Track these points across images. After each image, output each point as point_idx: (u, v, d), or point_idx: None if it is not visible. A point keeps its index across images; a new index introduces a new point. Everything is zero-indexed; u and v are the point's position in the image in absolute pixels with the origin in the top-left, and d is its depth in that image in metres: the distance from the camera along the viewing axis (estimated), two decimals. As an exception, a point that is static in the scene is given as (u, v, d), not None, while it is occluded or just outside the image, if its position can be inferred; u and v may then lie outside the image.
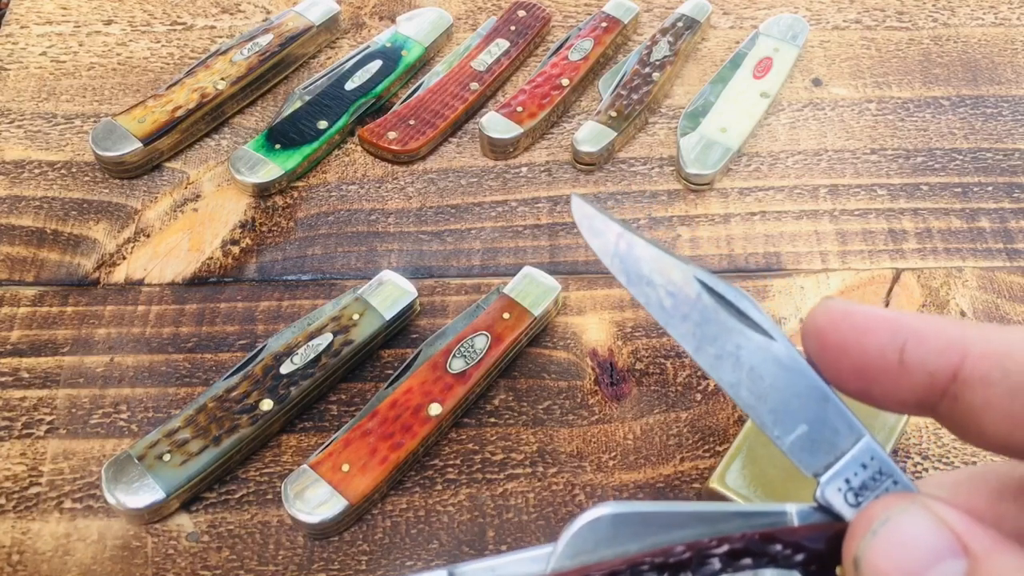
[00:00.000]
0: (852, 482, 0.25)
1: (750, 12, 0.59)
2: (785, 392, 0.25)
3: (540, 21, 0.57)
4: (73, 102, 0.54)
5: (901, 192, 0.51)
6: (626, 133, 0.53)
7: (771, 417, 0.25)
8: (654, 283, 0.26)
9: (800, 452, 0.25)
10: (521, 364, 0.45)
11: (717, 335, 0.25)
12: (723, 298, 0.25)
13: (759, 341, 0.25)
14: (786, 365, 0.25)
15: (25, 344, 0.45)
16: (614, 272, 0.26)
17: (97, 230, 0.49)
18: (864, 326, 0.24)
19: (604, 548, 0.24)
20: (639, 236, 0.26)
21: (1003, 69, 0.56)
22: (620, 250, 0.26)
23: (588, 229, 0.26)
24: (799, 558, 0.23)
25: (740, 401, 0.25)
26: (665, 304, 0.26)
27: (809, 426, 0.25)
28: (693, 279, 0.25)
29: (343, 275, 0.48)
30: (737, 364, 0.25)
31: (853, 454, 0.25)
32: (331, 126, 0.52)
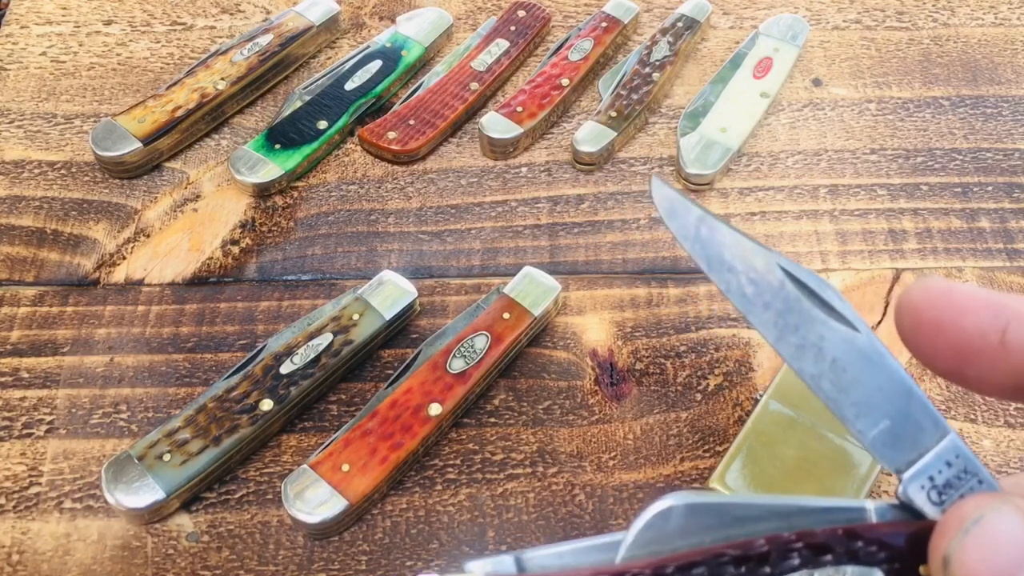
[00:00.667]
0: (936, 480, 0.24)
1: (750, 12, 0.59)
2: (868, 386, 0.24)
3: (540, 21, 0.57)
4: (73, 102, 0.54)
5: (901, 192, 0.51)
6: (626, 133, 0.53)
7: (853, 411, 0.25)
8: (736, 269, 0.25)
9: (883, 447, 0.25)
10: (521, 364, 0.45)
11: (799, 325, 0.25)
12: (806, 287, 0.25)
13: (843, 332, 0.24)
14: (870, 358, 0.24)
15: (25, 344, 0.45)
16: (694, 256, 0.25)
17: (97, 230, 0.49)
18: (964, 305, 0.23)
19: (677, 539, 0.24)
20: (721, 221, 0.25)
21: (1003, 69, 0.56)
22: (702, 234, 0.25)
23: (668, 211, 0.25)
24: (881, 555, 0.23)
25: (821, 393, 0.25)
26: (747, 291, 0.25)
27: (892, 421, 0.24)
28: (776, 266, 0.25)
29: (343, 275, 0.48)
30: (820, 355, 0.25)
31: (937, 451, 0.24)
32: (331, 126, 0.52)
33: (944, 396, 0.44)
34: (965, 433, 0.43)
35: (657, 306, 0.47)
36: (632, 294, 0.47)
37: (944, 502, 0.24)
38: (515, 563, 0.24)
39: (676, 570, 0.23)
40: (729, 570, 0.23)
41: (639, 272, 0.48)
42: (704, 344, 0.46)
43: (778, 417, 0.41)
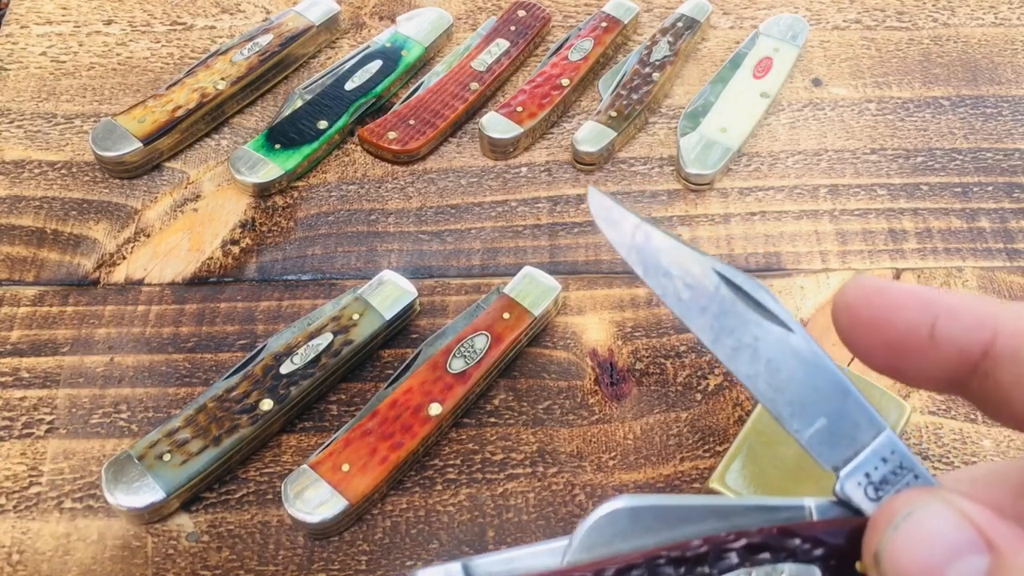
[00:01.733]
0: (872, 476, 0.24)
1: (750, 12, 0.59)
2: (804, 385, 0.25)
3: (540, 21, 0.57)
4: (73, 102, 0.54)
5: (901, 192, 0.51)
6: (626, 133, 0.53)
7: (789, 410, 0.25)
8: (672, 275, 0.25)
9: (819, 445, 0.25)
10: (521, 364, 0.45)
11: (735, 327, 0.25)
12: (741, 290, 0.25)
13: (777, 333, 0.25)
14: (805, 358, 0.25)
15: (25, 344, 0.45)
16: (631, 264, 0.26)
17: (97, 230, 0.49)
18: (896, 302, 0.24)
19: (620, 542, 0.24)
20: (657, 228, 0.25)
21: (1003, 69, 0.56)
22: (637, 241, 0.26)
23: (605, 220, 0.26)
24: (818, 552, 0.23)
25: (758, 393, 0.25)
26: (683, 296, 0.25)
27: (828, 419, 0.25)
28: (712, 271, 0.25)
29: (343, 275, 0.48)
30: (755, 356, 0.25)
31: (873, 448, 0.24)
32: (331, 126, 0.52)
33: (945, 396, 0.44)
34: (965, 433, 0.43)
35: (657, 306, 0.47)
36: (632, 294, 0.47)
37: (880, 498, 0.24)
38: (463, 570, 0.24)
39: (615, 573, 0.23)
40: (667, 571, 0.23)
41: (639, 272, 0.48)
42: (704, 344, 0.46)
43: (778, 417, 0.41)
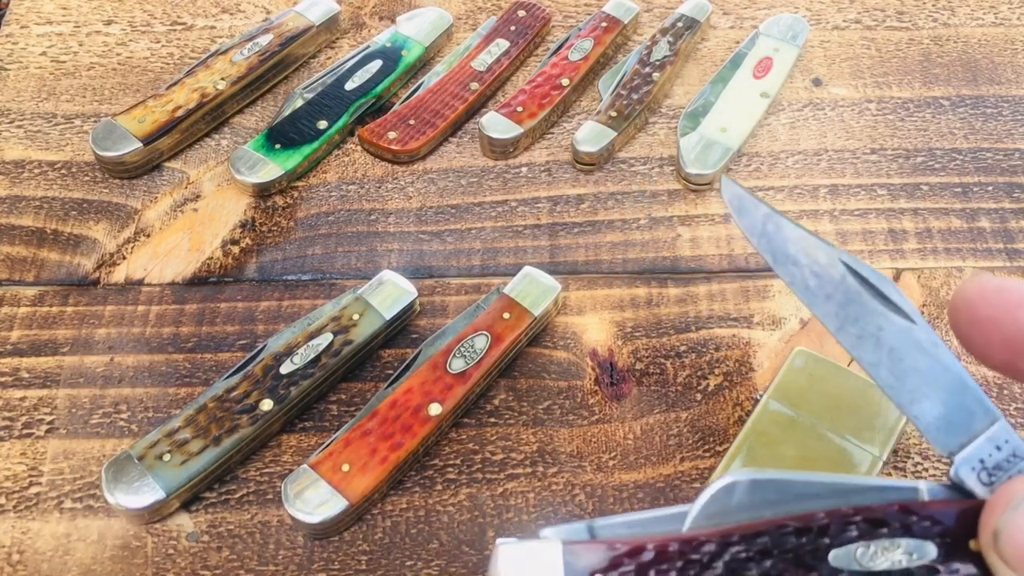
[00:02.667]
0: (986, 462, 0.25)
1: (750, 12, 0.59)
2: (924, 374, 0.26)
3: (540, 21, 0.57)
4: (73, 102, 0.54)
5: (901, 192, 0.51)
6: (626, 133, 0.53)
7: (909, 397, 0.26)
8: (800, 263, 0.26)
9: (936, 431, 0.26)
10: (521, 364, 0.45)
11: (859, 316, 0.26)
12: (867, 282, 0.26)
13: (900, 324, 0.26)
14: (926, 348, 0.26)
15: (25, 344, 0.45)
16: (760, 251, 0.27)
17: (97, 230, 0.49)
18: (1018, 300, 0.24)
19: (738, 512, 0.25)
20: (786, 218, 0.27)
21: (1003, 69, 0.56)
22: (768, 230, 0.27)
23: (737, 209, 0.27)
24: (934, 530, 0.24)
25: (879, 380, 0.26)
26: (810, 283, 0.26)
27: (946, 407, 0.26)
28: (838, 261, 0.26)
29: (343, 275, 0.48)
30: (878, 345, 0.26)
31: (988, 435, 0.25)
32: (331, 126, 0.52)
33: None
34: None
35: (657, 306, 0.47)
36: (632, 294, 0.47)
37: (993, 483, 0.25)
38: (587, 529, 0.25)
39: (741, 539, 0.24)
40: (791, 540, 0.24)
41: (639, 272, 0.48)
42: (704, 344, 0.46)
43: (778, 417, 0.41)
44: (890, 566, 0.24)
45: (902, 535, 0.24)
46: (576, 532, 0.26)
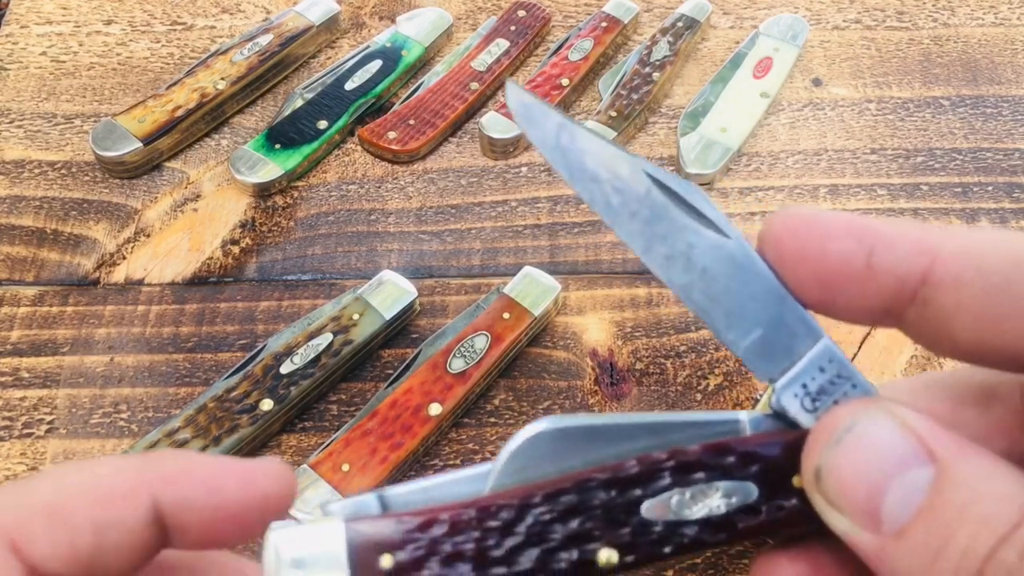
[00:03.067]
0: (809, 387, 0.23)
1: (750, 12, 0.59)
2: (740, 294, 0.23)
3: (540, 21, 0.57)
4: (73, 102, 0.54)
5: (901, 192, 0.51)
6: (626, 133, 0.53)
7: (725, 321, 0.24)
8: (600, 178, 0.23)
9: (755, 358, 0.24)
10: (521, 364, 0.45)
11: (667, 233, 0.23)
12: (675, 193, 0.24)
13: (712, 239, 0.23)
14: (741, 265, 0.23)
15: (25, 344, 0.45)
16: (555, 166, 0.24)
17: (97, 230, 0.49)
18: (827, 232, 0.22)
19: (547, 464, 0.23)
20: (582, 127, 0.24)
21: (1003, 69, 0.56)
22: (562, 143, 0.24)
23: (525, 118, 0.24)
24: (753, 469, 0.22)
25: (692, 304, 0.24)
26: (612, 201, 0.24)
27: (765, 329, 0.23)
28: (642, 172, 0.24)
29: (343, 275, 0.48)
30: (689, 264, 0.24)
31: (810, 357, 0.23)
32: (331, 126, 0.52)
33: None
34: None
35: (657, 306, 0.47)
36: (632, 294, 0.47)
37: (817, 409, 0.23)
38: (378, 501, 0.23)
39: (544, 499, 0.22)
40: (599, 494, 0.22)
41: (639, 272, 0.48)
42: (704, 344, 0.46)
43: (778, 417, 0.41)
44: (708, 512, 0.22)
45: (719, 477, 0.22)
46: (364, 506, 0.23)
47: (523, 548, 0.22)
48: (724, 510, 0.22)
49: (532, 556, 0.22)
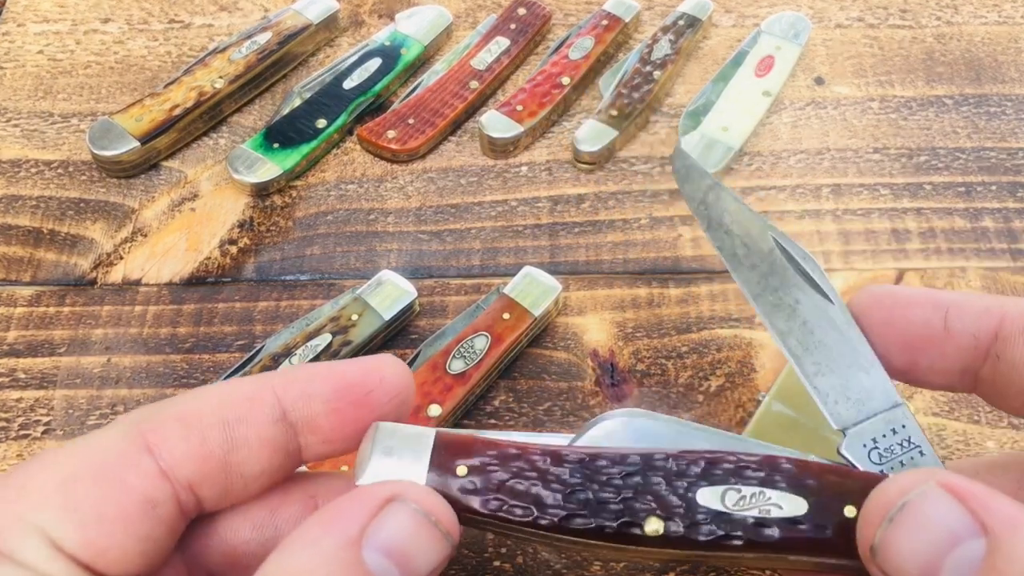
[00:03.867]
0: (879, 443, 0.25)
1: (752, 10, 0.59)
2: (831, 349, 0.27)
3: (540, 19, 0.57)
4: (70, 101, 0.54)
5: (904, 191, 0.51)
6: (627, 132, 0.52)
7: (814, 368, 0.27)
8: (732, 232, 0.28)
9: (833, 403, 0.26)
10: (521, 365, 0.45)
11: (779, 286, 0.28)
12: (793, 259, 0.28)
13: (818, 300, 0.27)
14: (838, 327, 0.27)
15: (22, 344, 0.45)
16: (697, 217, 0.29)
17: (94, 230, 0.49)
18: (907, 301, 0.25)
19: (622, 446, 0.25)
20: (729, 191, 0.28)
21: (1007, 68, 0.56)
22: (709, 199, 0.29)
23: (683, 175, 0.29)
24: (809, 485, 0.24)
25: (787, 348, 0.27)
26: (738, 252, 0.28)
27: (847, 383, 0.26)
28: (769, 235, 0.28)
29: (342, 275, 0.48)
30: (792, 315, 0.27)
31: (885, 416, 0.26)
32: (330, 125, 0.52)
33: (948, 397, 0.44)
34: (968, 434, 0.43)
35: (658, 306, 0.47)
36: (633, 294, 0.47)
37: (883, 464, 0.25)
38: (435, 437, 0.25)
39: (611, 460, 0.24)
40: (662, 463, 0.24)
41: (640, 272, 0.48)
42: (706, 345, 0.45)
43: (780, 419, 0.41)
44: (757, 514, 0.24)
45: (775, 486, 0.24)
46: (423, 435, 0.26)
47: (580, 496, 0.24)
48: (773, 515, 0.24)
49: (587, 506, 0.24)
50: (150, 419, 0.22)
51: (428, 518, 0.22)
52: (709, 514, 0.23)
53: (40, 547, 0.20)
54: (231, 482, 0.23)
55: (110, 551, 0.21)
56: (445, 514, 0.23)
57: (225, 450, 0.23)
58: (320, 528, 0.22)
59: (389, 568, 0.21)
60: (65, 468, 0.21)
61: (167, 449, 0.22)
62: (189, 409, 0.23)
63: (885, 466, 0.25)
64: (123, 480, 0.21)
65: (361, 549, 0.21)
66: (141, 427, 0.22)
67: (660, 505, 0.24)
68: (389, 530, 0.22)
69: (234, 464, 0.23)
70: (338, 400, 0.24)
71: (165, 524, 0.22)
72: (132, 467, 0.22)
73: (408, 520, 0.22)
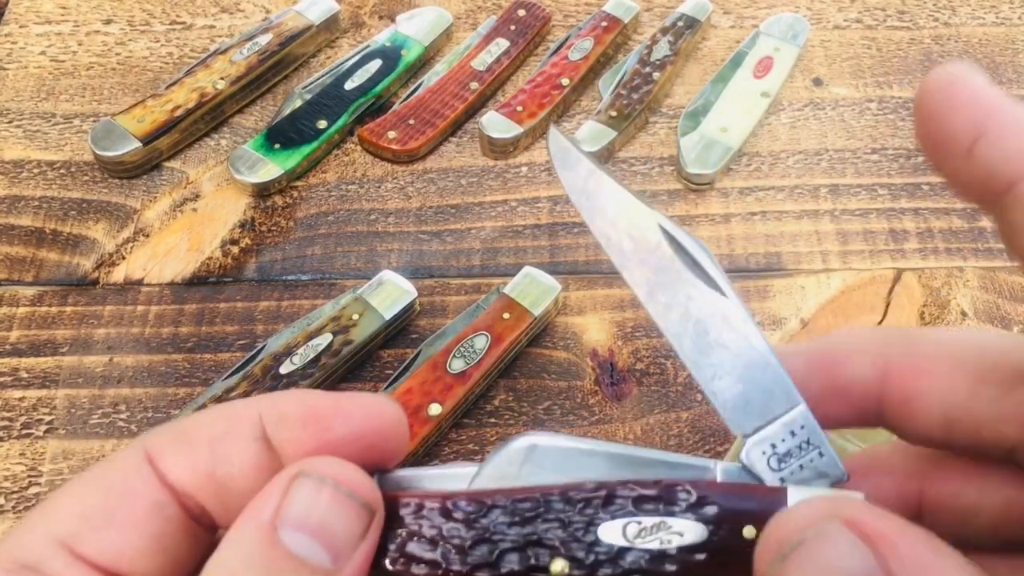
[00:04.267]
0: (778, 447, 0.25)
1: (751, 11, 0.59)
2: (727, 350, 0.25)
3: (540, 20, 0.57)
4: (72, 102, 0.54)
5: (902, 192, 0.51)
6: (626, 133, 0.52)
7: (711, 372, 0.25)
8: (617, 224, 0.26)
9: (732, 410, 0.25)
10: (521, 364, 0.45)
11: (670, 284, 0.26)
12: (683, 249, 0.26)
13: (711, 297, 0.25)
14: (733, 324, 0.25)
15: (24, 344, 0.45)
16: (579, 208, 0.26)
17: (96, 230, 0.49)
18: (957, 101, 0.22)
19: (527, 477, 0.25)
20: (610, 177, 0.25)
21: (1004, 69, 0.56)
22: (589, 187, 0.26)
23: (561, 162, 0.26)
24: (710, 512, 0.23)
25: (681, 352, 0.25)
26: (624, 247, 0.26)
27: (745, 386, 0.25)
28: (656, 226, 0.26)
29: (343, 275, 0.48)
30: (685, 315, 0.26)
31: (784, 420, 0.25)
32: (331, 126, 0.52)
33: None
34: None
35: (657, 306, 0.47)
36: (632, 294, 0.47)
37: (783, 469, 0.24)
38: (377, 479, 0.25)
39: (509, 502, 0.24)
40: (557, 506, 0.24)
41: (639, 272, 0.48)
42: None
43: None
44: (659, 545, 0.23)
45: (675, 514, 0.23)
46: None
47: (480, 544, 0.23)
48: (674, 545, 0.23)
49: (487, 552, 0.23)
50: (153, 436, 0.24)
51: (338, 488, 0.22)
52: (611, 550, 0.23)
53: (62, 556, 0.22)
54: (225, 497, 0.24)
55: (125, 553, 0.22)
56: (359, 482, 0.23)
57: (211, 465, 0.24)
58: (240, 519, 0.22)
59: (310, 544, 0.21)
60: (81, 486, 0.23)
61: (163, 461, 0.23)
62: (184, 426, 0.24)
63: (785, 471, 0.24)
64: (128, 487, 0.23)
65: (277, 531, 0.21)
66: (144, 443, 0.24)
67: (563, 545, 0.23)
68: (299, 506, 0.22)
69: (222, 479, 0.24)
70: (301, 429, 0.24)
71: (175, 525, 0.23)
72: (135, 475, 0.23)
73: (316, 492, 0.22)
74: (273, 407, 0.24)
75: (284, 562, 0.21)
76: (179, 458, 0.23)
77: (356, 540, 0.22)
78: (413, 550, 0.23)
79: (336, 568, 0.22)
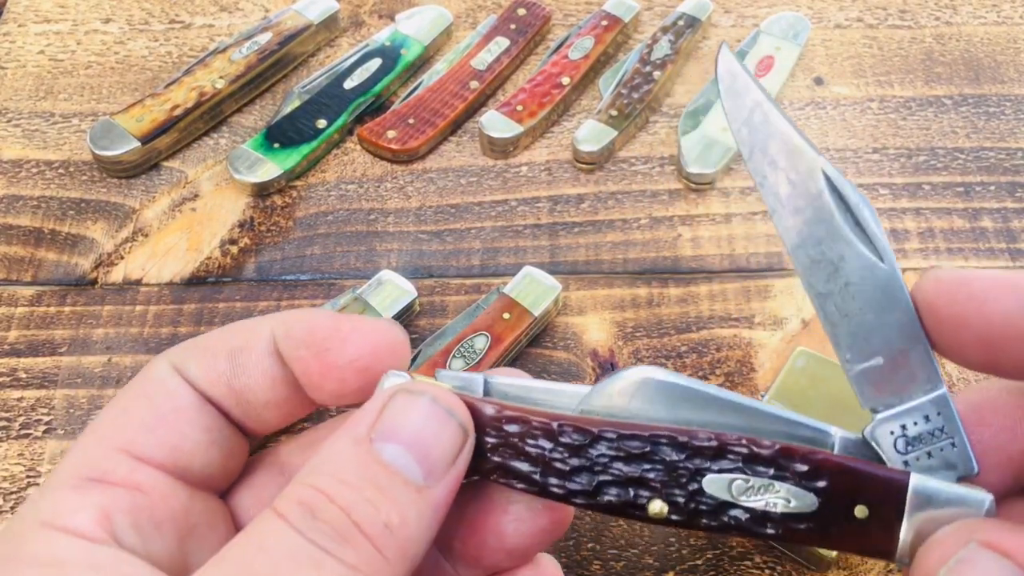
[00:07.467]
0: (908, 430, 0.23)
1: (751, 10, 0.59)
2: (875, 319, 0.23)
3: (540, 19, 0.57)
4: (71, 101, 0.54)
5: (903, 191, 0.51)
6: (627, 132, 0.52)
7: (849, 339, 0.24)
8: (777, 164, 0.24)
9: (865, 383, 0.24)
10: (521, 364, 0.45)
11: (824, 239, 0.24)
12: (845, 203, 0.24)
13: (866, 259, 0.23)
14: (887, 291, 0.23)
15: (23, 344, 0.45)
16: (738, 140, 0.24)
17: (95, 230, 0.49)
18: (984, 294, 0.22)
19: (637, 407, 0.24)
20: (779, 111, 0.24)
21: (1006, 68, 0.56)
22: (754, 119, 0.24)
23: (727, 86, 0.24)
24: (820, 484, 0.22)
25: (823, 314, 0.24)
26: (780, 190, 0.24)
27: (887, 361, 0.23)
28: (821, 173, 0.24)
29: (342, 275, 0.48)
30: (834, 275, 0.24)
31: (921, 402, 0.23)
32: (330, 125, 0.52)
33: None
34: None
35: (658, 306, 0.47)
36: (633, 294, 0.47)
37: (909, 453, 0.23)
38: (483, 383, 0.25)
39: (618, 437, 0.23)
40: (666, 451, 0.23)
41: (640, 272, 0.48)
42: (705, 344, 0.45)
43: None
44: (764, 507, 0.22)
45: (786, 480, 0.22)
46: (472, 382, 0.25)
47: (582, 472, 0.23)
48: (779, 510, 0.22)
49: (587, 481, 0.23)
50: (175, 350, 0.26)
51: (437, 404, 0.22)
52: (714, 503, 0.23)
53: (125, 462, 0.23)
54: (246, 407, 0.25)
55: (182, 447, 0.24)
56: (456, 404, 0.23)
57: (230, 375, 0.25)
58: (338, 432, 0.23)
59: (405, 457, 0.22)
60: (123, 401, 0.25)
61: (187, 371, 0.25)
62: (204, 340, 0.26)
63: (910, 456, 0.23)
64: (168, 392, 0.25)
65: (372, 443, 0.22)
66: (168, 357, 0.25)
67: (665, 488, 0.23)
68: (396, 420, 0.22)
69: (240, 389, 0.25)
70: (304, 348, 0.25)
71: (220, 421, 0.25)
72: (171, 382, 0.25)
73: (414, 407, 0.22)
74: (283, 324, 0.26)
75: (377, 468, 0.21)
76: (201, 369, 0.25)
77: (450, 459, 0.22)
78: (514, 464, 0.23)
79: (427, 484, 0.22)
